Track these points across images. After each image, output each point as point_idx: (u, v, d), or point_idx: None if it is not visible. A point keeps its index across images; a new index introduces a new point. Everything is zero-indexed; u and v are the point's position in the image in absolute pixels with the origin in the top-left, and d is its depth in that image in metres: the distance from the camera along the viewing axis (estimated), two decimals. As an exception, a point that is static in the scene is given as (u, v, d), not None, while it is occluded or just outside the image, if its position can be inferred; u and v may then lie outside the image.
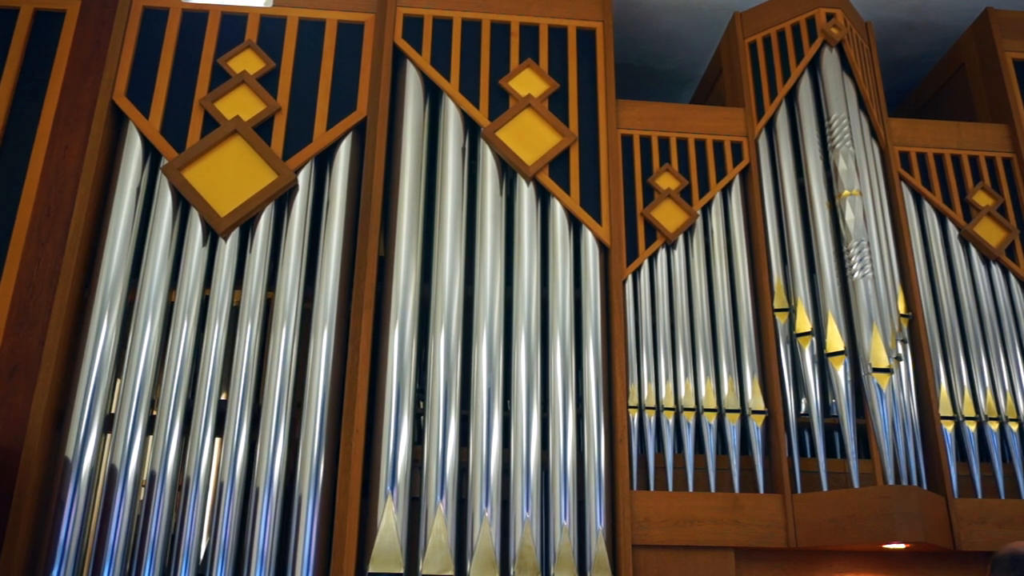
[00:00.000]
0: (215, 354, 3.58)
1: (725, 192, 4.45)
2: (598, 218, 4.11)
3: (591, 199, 4.14)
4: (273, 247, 3.87)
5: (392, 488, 3.44)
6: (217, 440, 3.58)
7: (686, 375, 4.00)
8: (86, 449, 3.40)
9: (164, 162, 3.91)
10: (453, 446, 3.55)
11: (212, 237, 3.82)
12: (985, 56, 4.93)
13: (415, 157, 4.04)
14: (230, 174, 3.84)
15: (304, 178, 3.95)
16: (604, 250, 4.12)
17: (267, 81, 4.11)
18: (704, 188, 4.39)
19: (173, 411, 3.48)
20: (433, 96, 4.32)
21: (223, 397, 3.76)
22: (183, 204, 3.88)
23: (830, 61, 4.47)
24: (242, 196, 3.81)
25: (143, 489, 3.42)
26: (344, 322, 3.76)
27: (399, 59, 4.32)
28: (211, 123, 3.99)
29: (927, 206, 4.52)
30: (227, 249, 3.76)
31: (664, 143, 4.46)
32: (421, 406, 3.80)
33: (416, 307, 3.77)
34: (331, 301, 3.73)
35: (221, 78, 4.10)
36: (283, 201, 3.96)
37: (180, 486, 3.44)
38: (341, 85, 4.15)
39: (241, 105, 4.00)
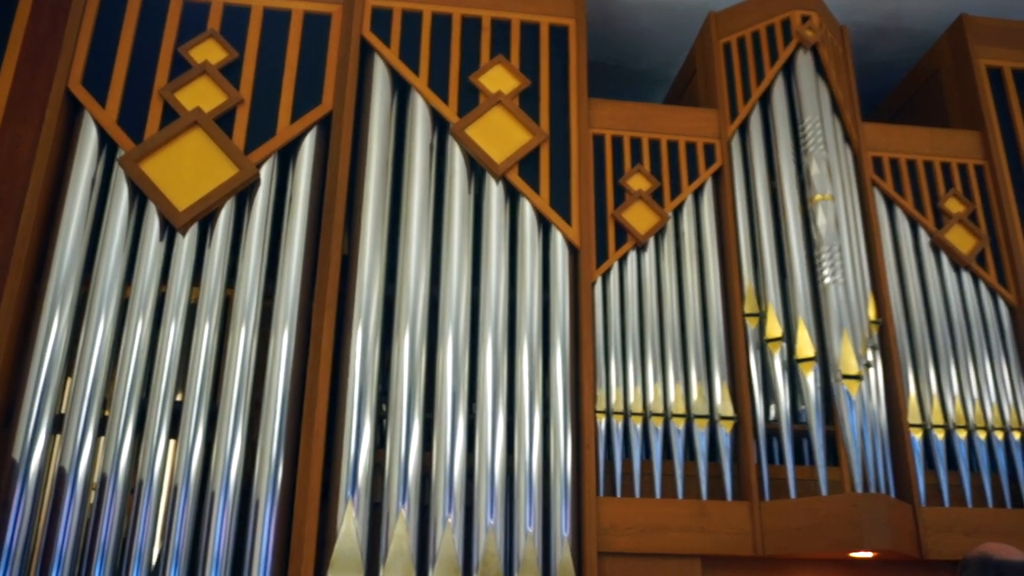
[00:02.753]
0: (171, 353, 3.55)
1: (697, 194, 4.49)
2: (568, 219, 4.13)
3: (561, 199, 4.16)
4: (233, 243, 3.85)
5: (353, 492, 3.43)
6: (172, 442, 3.54)
7: (655, 380, 4.02)
8: (34, 450, 3.36)
9: (121, 153, 3.87)
10: (416, 450, 3.55)
11: (169, 232, 3.79)
12: (959, 63, 5.02)
13: (381, 153, 4.04)
14: (189, 167, 3.81)
15: (266, 172, 3.93)
16: (573, 251, 4.14)
17: (230, 72, 4.08)
18: (676, 190, 4.42)
19: (126, 411, 3.45)
20: (401, 91, 4.32)
21: (178, 397, 3.72)
22: (140, 197, 3.84)
23: (804, 64, 4.53)
24: (201, 190, 3.78)
25: (93, 492, 3.38)
26: (305, 321, 3.74)
27: (367, 52, 4.31)
28: (171, 114, 3.95)
29: (899, 212, 4.59)
30: (185, 244, 3.73)
31: (636, 143, 4.49)
32: (384, 408, 3.79)
33: (380, 307, 3.76)
34: (292, 299, 3.71)
35: (182, 67, 4.07)
36: (244, 196, 3.93)
37: (132, 489, 3.40)
38: (306, 78, 4.13)
39: (202, 96, 3.97)
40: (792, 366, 4.05)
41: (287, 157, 4.10)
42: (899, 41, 5.49)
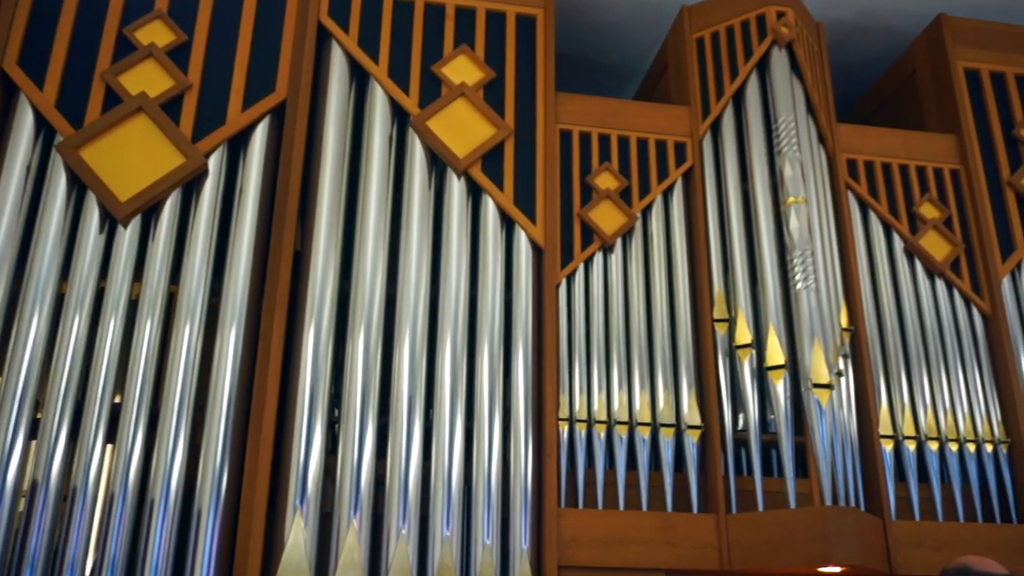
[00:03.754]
0: (110, 351, 3.51)
1: (667, 194, 4.53)
2: (532, 217, 4.15)
3: (525, 197, 4.18)
4: (178, 236, 3.82)
5: (301, 501, 3.42)
6: (109, 446, 3.51)
7: (620, 387, 4.06)
8: (-40, 453, 3.31)
9: (59, 139, 3.82)
10: (369, 457, 3.54)
11: (110, 223, 3.75)
12: (936, 64, 5.12)
13: (337, 145, 4.03)
14: (133, 155, 3.78)
15: (215, 162, 3.90)
16: (537, 252, 4.16)
17: (177, 55, 4.05)
18: (645, 189, 4.46)
19: (60, 413, 3.40)
20: (359, 80, 4.31)
21: (117, 399, 3.69)
22: (79, 186, 3.79)
23: (779, 62, 4.59)
24: (145, 180, 3.75)
25: (23, 499, 3.32)
26: (254, 320, 3.72)
27: (324, 38, 4.30)
28: (113, 98, 3.91)
29: (873, 216, 4.67)
30: (127, 237, 3.69)
31: (604, 140, 4.52)
32: (336, 413, 3.78)
33: (334, 306, 3.76)
34: (240, 297, 3.69)
35: (126, 49, 4.02)
36: (191, 187, 3.90)
37: (66, 496, 3.36)
38: (259, 64, 4.11)
39: (148, 80, 3.94)
40: (762, 374, 4.10)
41: (237, 147, 4.07)
42: (875, 40, 5.58)
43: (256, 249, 3.82)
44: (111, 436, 3.52)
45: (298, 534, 3.38)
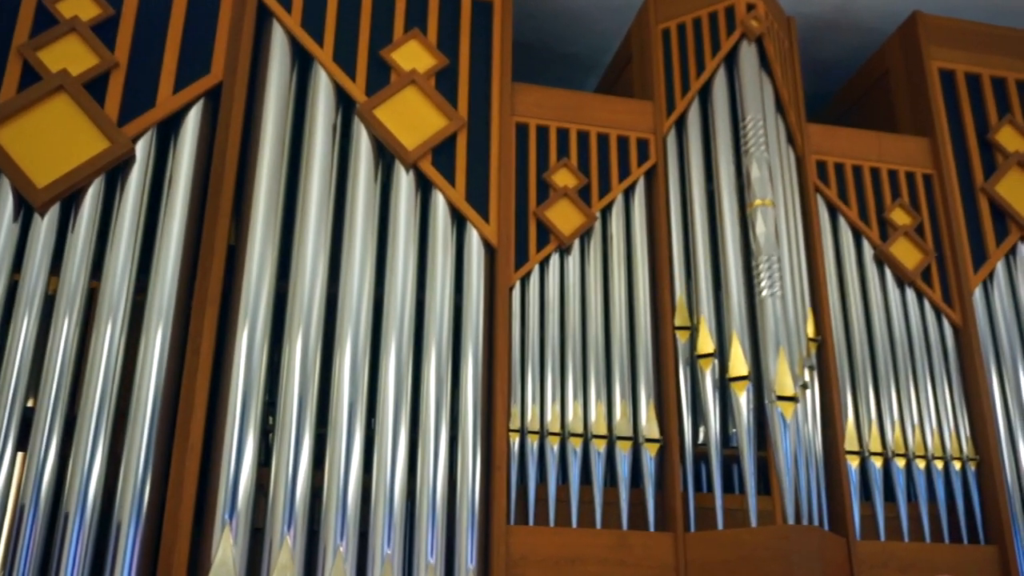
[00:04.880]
0: (22, 351, 3.45)
1: (628, 194, 4.57)
2: (485, 215, 4.15)
3: (478, 193, 4.18)
4: (101, 227, 3.77)
5: (231, 516, 3.39)
6: (20, 454, 3.44)
7: (575, 397, 4.08)
8: None
9: (-30, 119, 3.75)
10: (306, 469, 3.53)
11: (26, 212, 3.69)
12: (910, 63, 5.23)
13: (277, 132, 4.00)
14: (52, 138, 3.72)
15: (143, 148, 3.86)
16: (490, 251, 4.17)
17: (104, 31, 3.99)
18: (605, 188, 4.49)
19: (-34, 418, 3.34)
20: (302, 63, 4.28)
21: (30, 403, 3.63)
22: (-8, 170, 3.73)
23: (748, 57, 4.65)
24: (65, 165, 3.70)
25: (-77, 511, 3.26)
26: (183, 319, 3.69)
27: (264, 17, 4.27)
28: (31, 75, 3.84)
29: (842, 221, 4.75)
30: (44, 227, 3.64)
31: (563, 135, 4.54)
32: (270, 421, 3.76)
33: (270, 306, 3.74)
34: (168, 294, 3.66)
35: (47, 23, 3.95)
36: (116, 174, 3.86)
37: (-29, 508, 3.30)
38: (193, 42, 4.07)
39: (70, 57, 3.88)
40: (724, 385, 4.15)
41: (168, 132, 4.03)
42: (848, 36, 5.67)
43: (186, 243, 3.78)
44: (22, 443, 3.47)
45: (227, 551, 3.36)
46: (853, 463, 4.25)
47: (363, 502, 3.63)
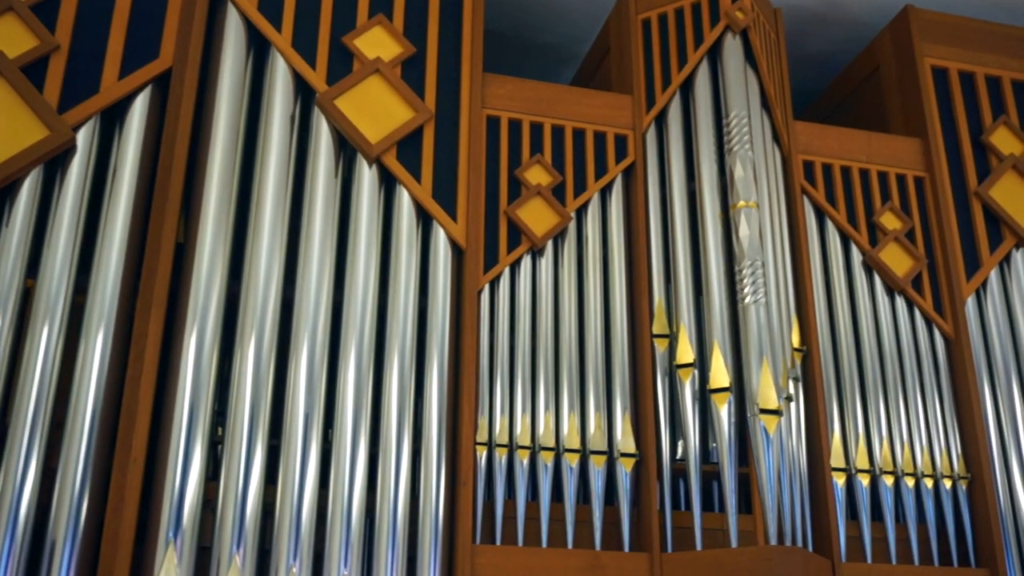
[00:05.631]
0: (-50, 355, 3.43)
1: (604, 193, 4.55)
2: (453, 214, 4.12)
3: (446, 190, 4.15)
4: (38, 222, 3.73)
5: (175, 534, 3.36)
6: (-54, 467, 3.38)
7: (546, 408, 4.06)
8: None
9: None
10: (257, 484, 3.50)
11: (-44, 204, 3.64)
12: (902, 60, 5.24)
13: (231, 123, 3.97)
14: (-14, 125, 3.69)
15: (85, 137, 3.82)
16: (458, 252, 4.14)
17: (43, 11, 3.94)
18: (580, 187, 4.47)
19: None
20: (259, 49, 4.24)
21: (-42, 411, 3.57)
22: (-80, 159, 3.67)
23: (732, 50, 4.64)
24: (0, 155, 3.65)
25: None
26: (126, 322, 3.66)
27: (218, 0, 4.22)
28: (-35, 58, 3.79)
29: (830, 225, 4.75)
30: (-24, 221, 3.61)
31: (537, 129, 4.52)
32: (219, 432, 3.72)
33: (220, 308, 3.71)
34: (111, 295, 3.62)
35: (-18, 2, 3.90)
36: (55, 164, 3.81)
37: None
38: (141, 25, 4.04)
39: (6, 38, 3.82)
40: (704, 397, 4.14)
41: (112, 120, 3.99)
42: (838, 30, 5.69)
43: (131, 240, 3.74)
44: (-51, 455, 3.40)
45: (170, 571, 3.32)
46: (839, 480, 4.25)
47: (319, 519, 3.59)
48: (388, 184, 4.18)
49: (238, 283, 3.88)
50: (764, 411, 3.95)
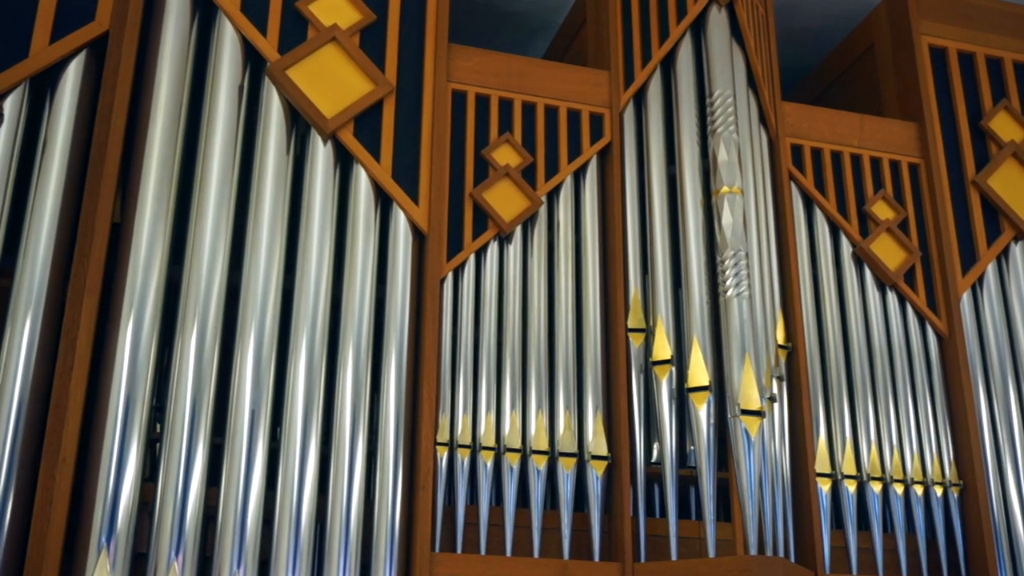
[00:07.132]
0: None
1: (578, 176, 4.56)
2: (414, 196, 4.13)
3: (407, 170, 4.16)
4: (-40, 199, 3.69)
5: (109, 539, 3.36)
6: None
7: (512, 406, 4.07)
8: None
9: None
10: (198, 485, 3.50)
11: None
12: (898, 37, 5.29)
13: (173, 93, 3.95)
14: (-97, 91, 3.64)
15: (12, 106, 3.79)
16: (420, 238, 4.15)
17: (-32, -33, 3.90)
18: (552, 169, 4.48)
19: None
20: (204, 13, 4.22)
21: None
22: None
23: (717, 24, 4.67)
24: (-81, 124, 3.63)
25: None
26: (56, 310, 3.65)
27: (160, -42, 4.20)
28: None
29: (819, 214, 4.79)
30: None
31: (506, 106, 4.53)
32: (157, 429, 3.72)
33: (160, 295, 3.70)
34: (39, 280, 3.61)
35: (-100, -44, 3.86)
36: (-21, 136, 3.77)
37: None
38: (75, -16, 4.01)
39: (-74, -3, 3.79)
40: (682, 396, 4.16)
41: (43, 88, 3.96)
42: (830, 5, 5.73)
43: (62, 219, 3.73)
44: None
45: (103, 580, 3.32)
46: (824, 487, 4.29)
47: (265, 524, 3.60)
48: (344, 162, 4.17)
49: (179, 268, 3.86)
50: (745, 412, 3.98)
